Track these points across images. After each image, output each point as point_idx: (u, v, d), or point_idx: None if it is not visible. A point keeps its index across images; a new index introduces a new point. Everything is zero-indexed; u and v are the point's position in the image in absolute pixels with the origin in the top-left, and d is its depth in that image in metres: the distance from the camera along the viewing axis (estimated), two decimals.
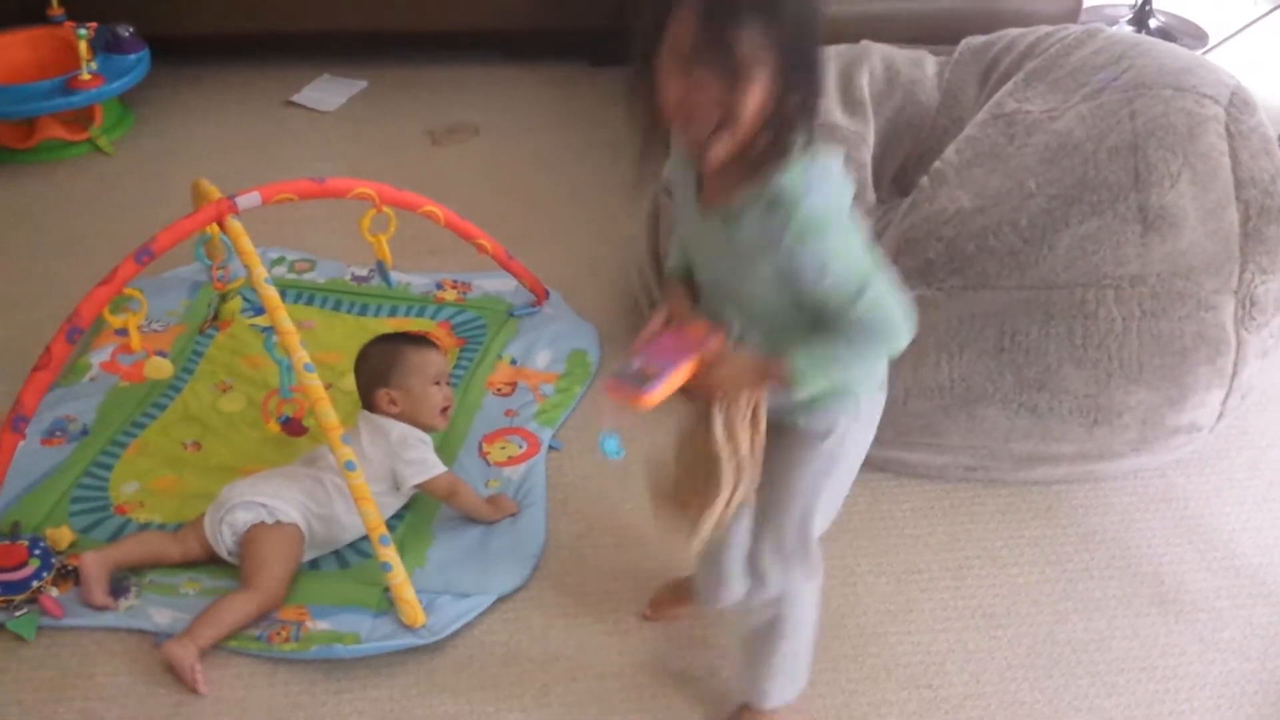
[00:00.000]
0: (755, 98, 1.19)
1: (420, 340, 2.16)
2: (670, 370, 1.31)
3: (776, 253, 1.26)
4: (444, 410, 2.09)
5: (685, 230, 1.45)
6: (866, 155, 2.44)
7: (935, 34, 2.84)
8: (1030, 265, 2.05)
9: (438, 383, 2.08)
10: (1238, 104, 2.19)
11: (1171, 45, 2.42)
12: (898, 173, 2.58)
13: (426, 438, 2.05)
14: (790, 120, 1.22)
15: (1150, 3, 4.02)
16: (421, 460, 2.00)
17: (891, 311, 1.29)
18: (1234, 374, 2.10)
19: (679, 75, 1.21)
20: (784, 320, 1.33)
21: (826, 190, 1.26)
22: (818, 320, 1.30)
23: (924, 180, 2.24)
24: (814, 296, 1.28)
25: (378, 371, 2.06)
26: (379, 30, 3.65)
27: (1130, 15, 4.07)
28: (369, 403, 2.07)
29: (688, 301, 1.44)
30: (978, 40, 2.65)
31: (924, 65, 2.65)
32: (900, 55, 2.67)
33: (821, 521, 1.55)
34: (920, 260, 2.12)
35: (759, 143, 1.24)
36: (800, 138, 1.24)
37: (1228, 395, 2.12)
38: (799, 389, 1.32)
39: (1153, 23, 4.05)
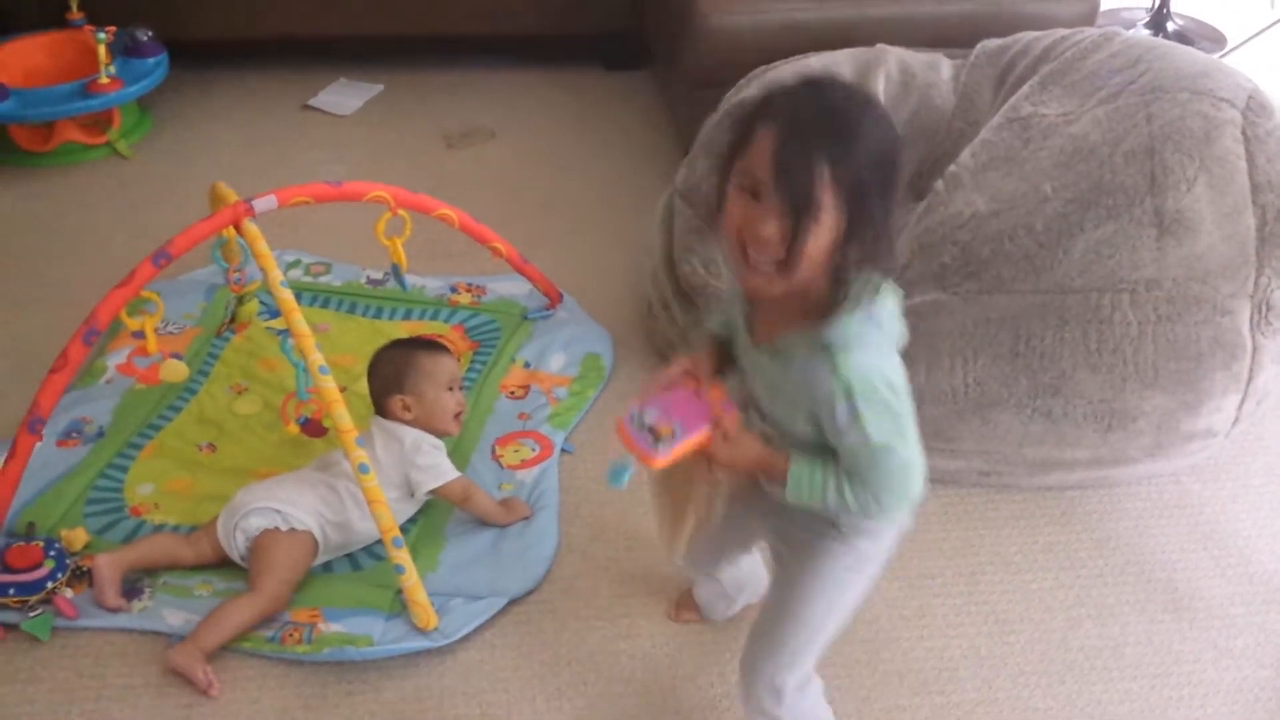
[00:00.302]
0: (818, 241, 1.18)
1: (433, 345, 2.16)
2: (683, 437, 1.32)
3: (816, 395, 1.26)
4: (457, 416, 2.09)
5: (738, 346, 1.43)
6: None
7: (951, 37, 2.83)
8: (1045, 269, 2.04)
9: (451, 388, 2.08)
10: (1255, 107, 2.17)
11: (1188, 49, 2.41)
12: (913, 177, 2.56)
13: (439, 443, 2.05)
14: (849, 271, 1.22)
15: (1168, 6, 4.00)
16: (435, 466, 2.00)
17: (900, 484, 1.30)
18: (1250, 379, 2.09)
19: (745, 198, 1.21)
20: (803, 440, 1.33)
21: (872, 345, 1.25)
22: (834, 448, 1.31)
23: (939, 184, 2.24)
24: (837, 440, 1.28)
25: (391, 377, 2.07)
26: (395, 35, 3.66)
27: (1147, 18, 4.05)
28: (382, 409, 2.07)
29: (712, 363, 1.44)
30: (994, 44, 2.64)
31: (939, 69, 2.64)
32: (916, 59, 2.66)
33: (822, 641, 1.51)
34: (935, 264, 2.12)
35: (815, 288, 1.24)
36: (862, 290, 1.24)
37: (1243, 400, 2.11)
38: (786, 494, 1.33)
39: (1170, 26, 4.02)
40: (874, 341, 1.26)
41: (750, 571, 1.82)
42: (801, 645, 1.49)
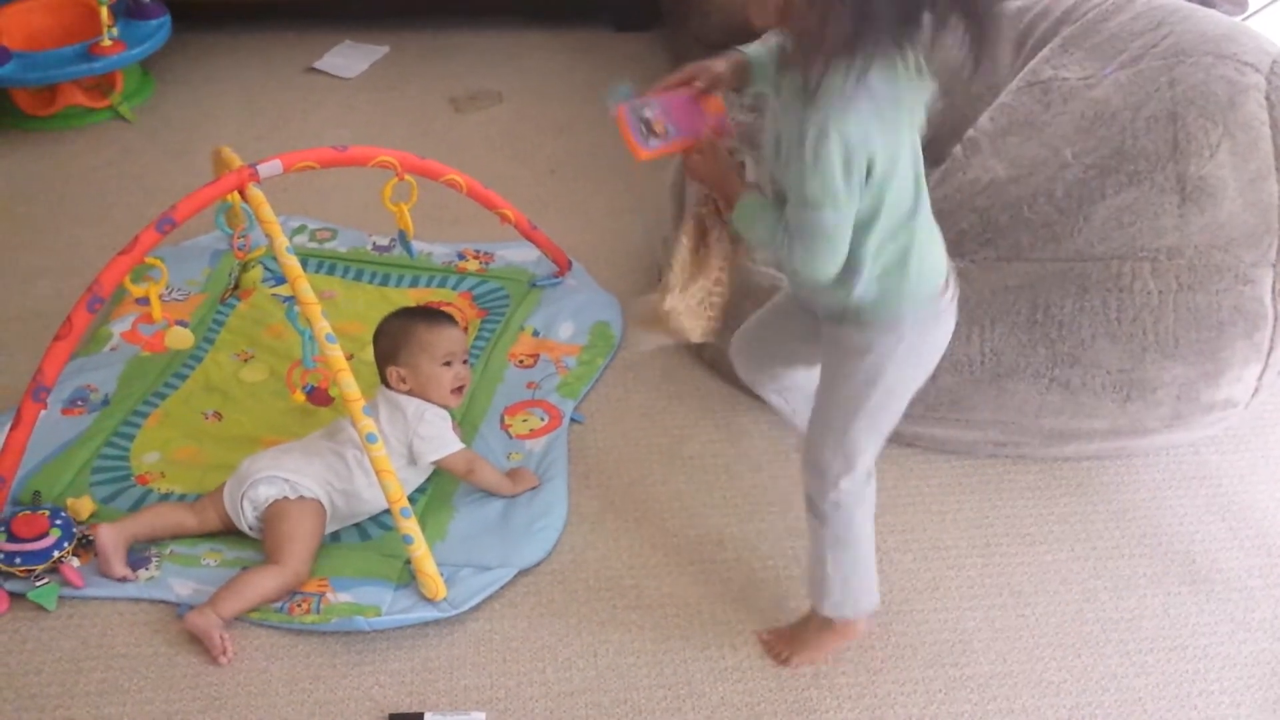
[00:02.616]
0: None
1: (435, 316, 2.11)
2: (674, 138, 1.46)
3: (793, 137, 1.34)
4: (458, 389, 2.06)
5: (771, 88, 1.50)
6: None
7: None
8: (1065, 237, 2.01)
9: (449, 362, 2.05)
10: (1279, 72, 2.13)
11: (1211, 11, 2.36)
12: (930, 141, 2.51)
13: (444, 413, 2.02)
14: (826, 12, 1.24)
15: None
16: (438, 437, 1.98)
17: (811, 245, 1.38)
18: (1271, 349, 2.05)
19: None
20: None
21: (850, 107, 1.29)
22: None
23: (957, 149, 2.20)
24: (782, 173, 1.40)
25: (388, 349, 2.04)
26: None
27: None
28: (383, 378, 2.05)
29: (728, 75, 1.54)
30: (1013, 5, 2.58)
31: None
32: None
33: (865, 440, 1.60)
34: (953, 231, 2.07)
35: (810, 28, 1.27)
36: (851, 54, 1.26)
37: (1264, 370, 2.08)
38: (734, 221, 1.50)
39: None
40: (854, 104, 1.29)
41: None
42: (842, 426, 1.58)
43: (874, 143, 1.32)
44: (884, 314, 1.49)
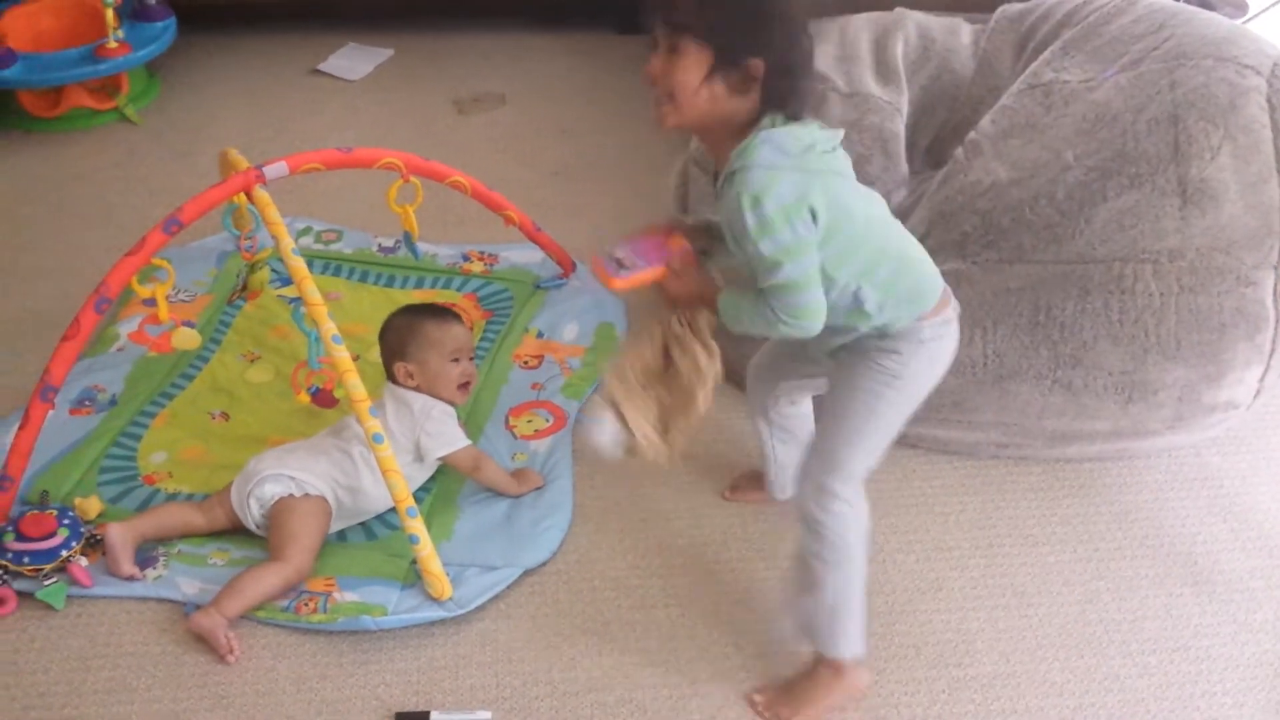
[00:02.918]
0: (687, 74, 1.43)
1: (442, 313, 2.13)
2: (642, 268, 1.59)
3: (732, 216, 1.45)
4: (464, 386, 2.07)
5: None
6: (899, 125, 2.40)
7: (971, 1, 2.79)
8: (1067, 239, 2.02)
9: (457, 358, 2.06)
10: None
11: (1212, 14, 2.37)
12: (931, 143, 2.54)
13: (450, 410, 2.04)
14: (736, 94, 1.44)
15: None
16: (445, 433, 1.99)
17: (787, 300, 1.47)
18: (1273, 350, 2.06)
19: (650, 47, 1.47)
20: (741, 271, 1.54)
21: (772, 163, 1.42)
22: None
23: (958, 151, 2.21)
24: (743, 255, 1.48)
25: (396, 345, 2.06)
26: None
27: None
28: (390, 375, 2.06)
29: (686, 227, 1.68)
30: (1014, 8, 2.60)
31: (959, 33, 2.60)
32: (935, 23, 2.62)
33: (864, 452, 1.63)
34: (955, 233, 2.09)
35: (727, 121, 1.46)
36: (765, 119, 1.44)
37: (1266, 372, 2.08)
38: (725, 321, 1.58)
39: None
40: (777, 165, 1.42)
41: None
42: (843, 448, 1.62)
43: (808, 192, 1.43)
44: (897, 329, 1.56)
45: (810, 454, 1.68)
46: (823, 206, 1.44)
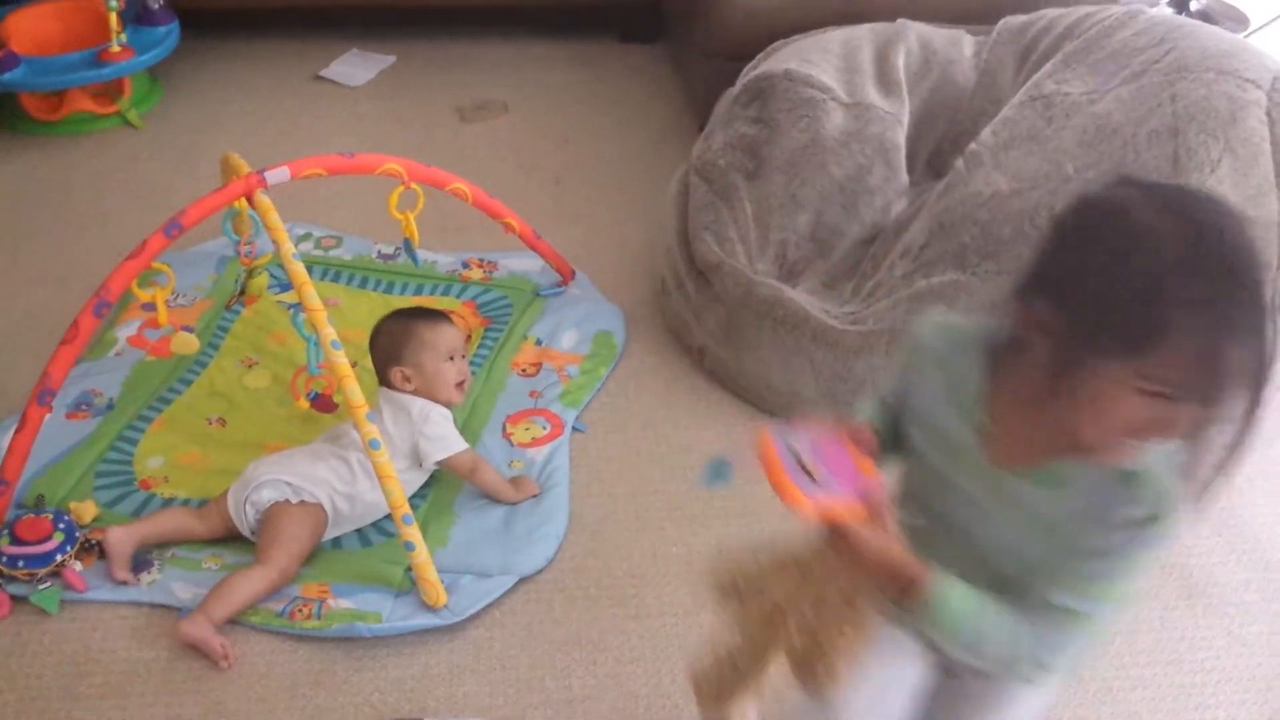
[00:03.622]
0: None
1: (433, 315, 2.14)
2: (839, 494, 1.11)
3: (1093, 524, 1.11)
4: (460, 384, 2.08)
5: (934, 463, 1.24)
6: (901, 136, 2.41)
7: (973, 13, 2.79)
8: None
9: (451, 357, 2.07)
10: None
11: (1213, 28, 2.38)
12: (932, 154, 2.54)
13: (448, 413, 2.04)
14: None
15: None
16: (443, 436, 1.99)
17: (1076, 651, 1.15)
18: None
19: (1149, 400, 1.01)
20: (997, 571, 1.18)
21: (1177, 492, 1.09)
22: (1016, 585, 1.16)
23: (959, 162, 2.21)
24: (1057, 569, 1.14)
25: (390, 349, 2.06)
26: (408, 5, 3.63)
27: None
28: (385, 380, 2.06)
29: (872, 443, 1.22)
30: (1016, 20, 2.61)
31: (961, 45, 2.61)
32: (937, 34, 2.63)
33: None
34: (954, 244, 2.09)
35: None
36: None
37: None
38: (920, 617, 1.12)
39: (1194, 5, 3.96)
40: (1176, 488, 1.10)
41: None
42: None
43: None
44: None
45: None
46: None
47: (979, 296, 2.04)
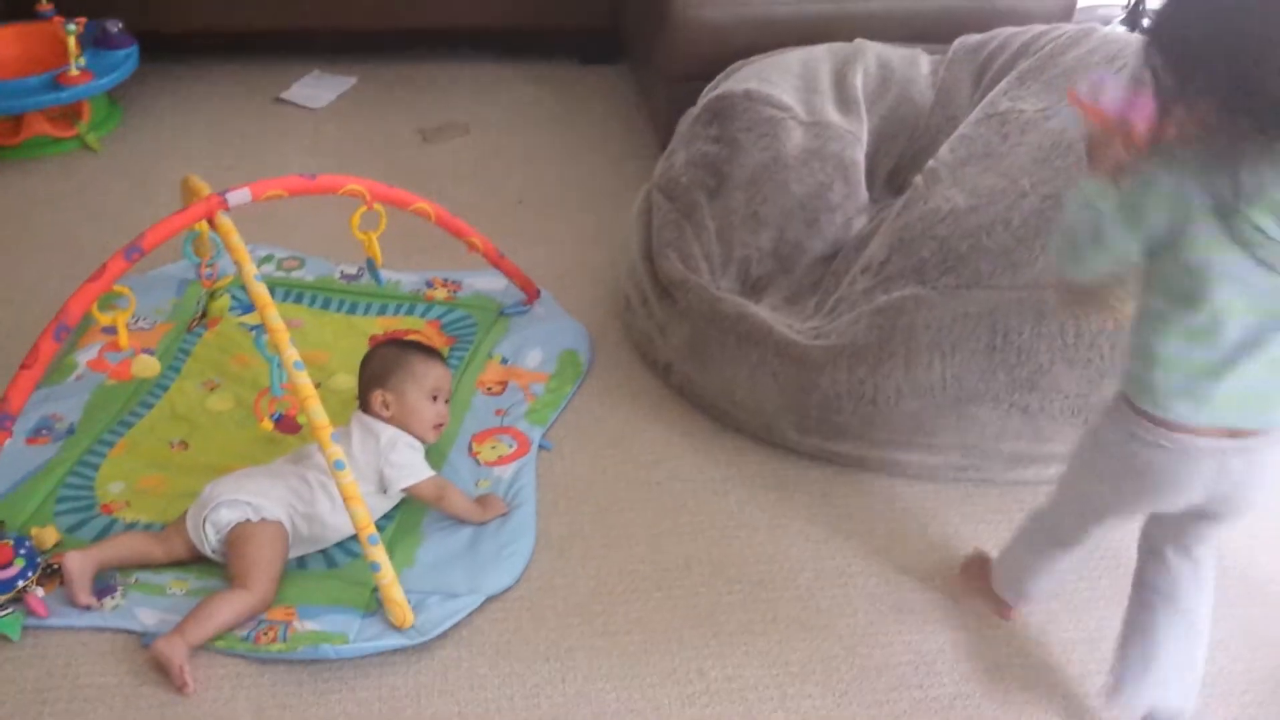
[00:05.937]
0: None
1: (430, 351, 2.16)
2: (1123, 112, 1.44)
3: None
4: (437, 427, 2.08)
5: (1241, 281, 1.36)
6: (860, 154, 2.44)
7: (929, 32, 2.84)
8: (1023, 264, 2.04)
9: (435, 398, 2.07)
10: None
11: None
12: (892, 171, 2.57)
13: (416, 443, 2.04)
14: None
15: (1144, 2, 4.02)
16: (408, 464, 1.99)
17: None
18: None
19: None
20: None
21: None
22: None
23: (918, 179, 2.24)
24: None
25: (378, 372, 2.06)
26: (369, 28, 3.64)
27: (1124, 15, 4.06)
28: (365, 402, 2.06)
29: None
30: (972, 39, 2.65)
31: (918, 64, 2.64)
32: (895, 54, 2.67)
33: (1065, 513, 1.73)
34: (914, 259, 2.12)
35: None
36: None
37: None
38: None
39: (1146, 22, 4.04)
40: None
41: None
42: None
43: None
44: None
45: None
46: None
47: (939, 310, 2.07)
